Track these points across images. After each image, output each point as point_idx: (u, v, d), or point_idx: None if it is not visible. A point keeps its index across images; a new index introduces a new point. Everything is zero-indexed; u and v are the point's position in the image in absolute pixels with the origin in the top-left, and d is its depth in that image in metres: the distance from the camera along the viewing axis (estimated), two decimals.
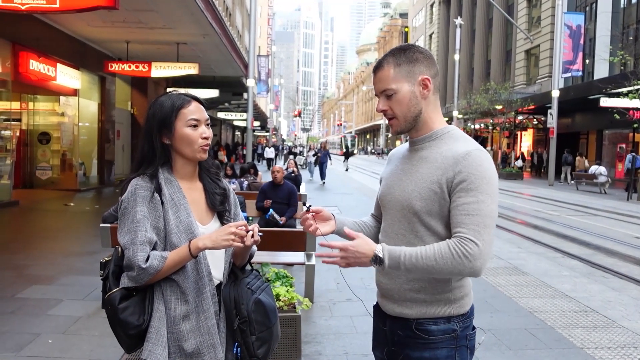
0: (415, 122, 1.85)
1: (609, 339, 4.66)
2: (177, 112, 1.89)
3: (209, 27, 13.21)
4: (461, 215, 1.68)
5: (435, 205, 1.75)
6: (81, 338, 4.38)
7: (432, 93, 1.85)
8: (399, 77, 1.82)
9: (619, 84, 19.34)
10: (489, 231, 1.66)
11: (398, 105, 1.83)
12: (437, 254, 1.64)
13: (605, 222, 12.22)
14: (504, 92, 30.69)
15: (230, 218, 2.03)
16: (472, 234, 1.64)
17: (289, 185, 7.62)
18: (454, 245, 1.64)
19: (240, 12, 38.84)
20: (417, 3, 72.39)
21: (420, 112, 1.84)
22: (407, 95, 1.82)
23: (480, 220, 1.66)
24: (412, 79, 1.82)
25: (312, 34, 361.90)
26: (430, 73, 1.84)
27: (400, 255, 1.67)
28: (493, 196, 1.70)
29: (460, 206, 1.69)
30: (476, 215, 1.66)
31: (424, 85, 1.82)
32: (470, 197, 1.68)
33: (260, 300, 1.96)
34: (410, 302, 1.82)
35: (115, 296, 1.78)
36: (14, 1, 7.73)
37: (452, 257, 1.63)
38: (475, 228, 1.65)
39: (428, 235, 1.78)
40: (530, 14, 38.45)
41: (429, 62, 1.84)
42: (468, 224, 1.66)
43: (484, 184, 1.69)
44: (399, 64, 1.82)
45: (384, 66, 1.85)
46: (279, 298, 3.98)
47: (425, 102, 1.84)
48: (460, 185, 1.70)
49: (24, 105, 15.44)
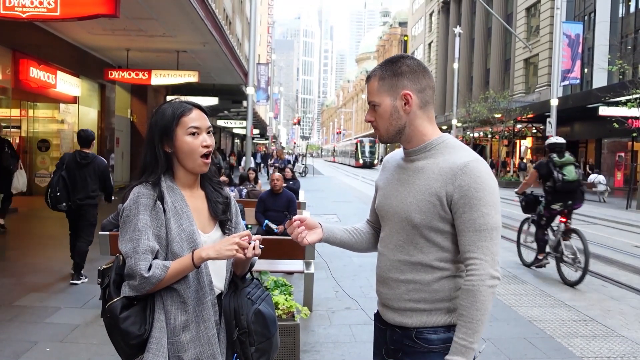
0: (399, 134, 1.86)
1: (608, 349, 4.65)
2: (178, 120, 1.89)
3: (209, 35, 13.24)
4: (469, 233, 1.72)
5: (434, 217, 1.76)
6: (79, 346, 4.36)
7: (418, 107, 1.83)
8: (381, 90, 1.84)
9: (618, 93, 19.41)
10: (496, 242, 1.73)
11: (380, 118, 1.86)
12: (474, 307, 1.69)
13: (605, 231, 12.22)
14: (503, 101, 30.77)
15: (231, 227, 2.03)
16: (481, 252, 1.70)
17: (288, 193, 7.61)
18: (475, 284, 1.69)
19: (240, 21, 38.99)
20: (416, 12, 72.72)
21: (405, 126, 1.84)
22: (388, 110, 1.84)
23: (487, 234, 1.71)
24: (395, 93, 1.83)
25: (312, 42, 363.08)
26: (416, 87, 1.82)
27: (467, 345, 1.69)
28: (496, 206, 1.73)
29: (466, 222, 1.72)
30: (482, 230, 1.71)
31: (406, 100, 1.82)
32: (475, 212, 1.71)
33: (260, 310, 1.95)
34: (411, 311, 1.82)
35: (117, 305, 1.77)
36: (14, 9, 7.75)
37: (484, 295, 1.69)
38: (483, 244, 1.71)
39: (428, 247, 1.79)
40: (529, 23, 38.64)
41: (415, 75, 1.83)
42: (476, 242, 1.71)
43: (486, 196, 1.71)
44: (384, 77, 1.84)
45: (371, 78, 1.88)
46: (278, 307, 3.97)
47: (410, 116, 1.83)
48: (462, 201, 1.72)
49: (24, 112, 15.44)
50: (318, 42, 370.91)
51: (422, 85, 1.84)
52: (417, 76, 1.83)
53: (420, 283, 1.80)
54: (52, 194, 6.20)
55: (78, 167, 6.35)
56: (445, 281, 1.80)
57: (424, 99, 1.84)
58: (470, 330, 1.69)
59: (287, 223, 1.95)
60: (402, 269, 1.83)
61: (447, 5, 57.31)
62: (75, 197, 6.30)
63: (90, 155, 6.46)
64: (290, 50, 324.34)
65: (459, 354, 1.69)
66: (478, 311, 1.69)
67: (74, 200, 6.31)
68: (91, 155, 6.50)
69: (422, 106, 1.85)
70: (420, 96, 1.83)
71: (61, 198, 6.21)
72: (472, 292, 1.69)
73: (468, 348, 1.69)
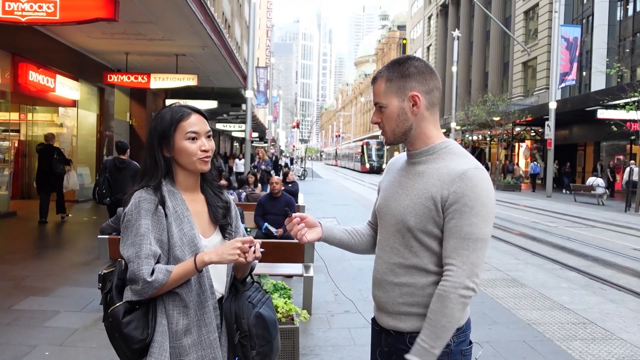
0: (405, 136, 1.86)
1: (607, 352, 4.65)
2: (176, 125, 1.90)
3: (208, 38, 13.27)
4: (453, 239, 1.71)
5: (429, 221, 1.76)
6: (78, 350, 4.36)
7: (426, 109, 1.83)
8: (389, 92, 1.83)
9: (616, 96, 19.44)
10: (479, 254, 1.70)
11: (387, 120, 1.86)
12: (441, 312, 1.69)
13: (603, 234, 12.23)
14: (502, 104, 30.80)
15: (232, 231, 2.03)
16: (460, 260, 1.69)
17: (286, 197, 7.62)
18: (447, 290, 1.69)
19: (239, 24, 39.05)
20: (415, 15, 72.85)
21: (411, 128, 1.84)
22: (395, 111, 1.83)
23: (471, 244, 1.69)
24: (403, 94, 1.82)
25: (311, 45, 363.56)
26: (423, 89, 1.82)
27: (428, 348, 1.69)
28: (487, 218, 1.71)
29: (453, 228, 1.71)
30: (467, 239, 1.69)
31: (414, 101, 1.82)
32: (464, 220, 1.69)
33: (261, 314, 1.96)
34: (404, 315, 1.82)
35: (119, 310, 1.77)
36: (14, 13, 7.76)
37: (453, 303, 1.68)
38: (464, 252, 1.69)
39: (422, 251, 1.79)
40: (528, 26, 38.71)
41: (422, 77, 1.83)
42: (458, 249, 1.70)
43: (478, 206, 1.70)
44: (391, 79, 1.83)
45: (378, 80, 1.87)
46: (277, 310, 3.97)
47: (417, 118, 1.83)
48: (454, 206, 1.71)
49: (23, 116, 15.44)
50: (317, 46, 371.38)
51: (429, 86, 1.84)
52: (425, 77, 1.83)
53: (414, 287, 1.80)
54: (99, 191, 8.10)
55: (117, 170, 8.18)
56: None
57: (431, 100, 1.84)
58: (433, 334, 1.69)
59: (287, 220, 1.96)
60: (397, 272, 1.83)
61: (445, 8, 57.42)
62: (116, 194, 8.01)
63: (126, 161, 8.29)
64: (289, 54, 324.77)
65: (418, 355, 1.70)
66: (444, 317, 1.68)
67: (114, 196, 8.07)
68: (127, 160, 8.30)
69: (429, 108, 1.85)
70: (428, 98, 1.84)
71: (106, 194, 8.07)
72: (442, 298, 1.69)
73: (428, 352, 1.69)
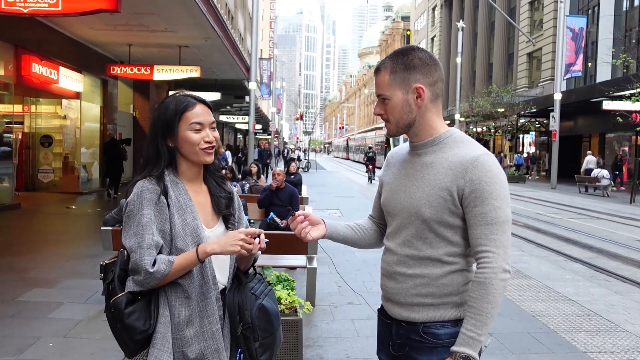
0: (408, 127, 1.85)
1: (612, 343, 4.63)
2: (181, 116, 1.87)
3: (210, 30, 13.22)
4: (481, 226, 1.72)
5: (445, 212, 1.75)
6: (82, 341, 4.37)
7: (430, 100, 1.82)
8: (393, 84, 1.81)
9: (622, 87, 19.31)
10: (508, 235, 1.73)
11: (391, 111, 1.84)
12: (485, 299, 1.69)
13: (608, 225, 12.19)
14: (506, 95, 30.67)
15: (235, 222, 2.02)
16: (493, 245, 1.70)
17: (290, 188, 7.60)
18: (488, 277, 1.69)
19: (242, 16, 38.89)
20: (419, 6, 72.45)
21: (415, 120, 1.83)
22: (399, 103, 1.81)
23: (499, 228, 1.71)
24: (407, 86, 1.80)
25: (314, 37, 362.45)
26: (428, 80, 1.80)
27: (475, 337, 1.69)
28: (506, 199, 1.74)
29: (478, 216, 1.72)
30: (494, 224, 1.71)
31: (418, 94, 1.80)
32: (487, 206, 1.71)
33: (264, 306, 1.94)
34: (418, 306, 1.81)
35: (121, 301, 1.75)
36: (16, 4, 7.74)
37: (496, 288, 1.69)
38: (495, 237, 1.71)
39: (437, 241, 1.78)
40: (533, 17, 38.46)
41: (427, 69, 1.81)
42: (488, 235, 1.71)
43: (497, 189, 1.72)
44: (395, 70, 1.81)
45: (381, 71, 1.85)
46: (280, 302, 3.96)
47: (421, 110, 1.82)
48: (474, 194, 1.72)
49: (26, 108, 15.46)
50: (320, 37, 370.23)
51: (434, 78, 1.82)
52: (429, 69, 1.81)
53: (428, 277, 1.79)
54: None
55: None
56: (454, 275, 1.79)
57: (435, 92, 1.83)
58: (479, 322, 1.68)
59: (290, 219, 1.93)
60: (410, 264, 1.82)
61: None
62: None
63: None
64: (293, 45, 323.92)
65: (466, 345, 1.68)
66: (489, 304, 1.69)
67: None
68: None
69: (433, 99, 1.83)
70: (432, 89, 1.82)
71: None
72: (484, 285, 1.69)
73: (476, 340, 1.68)
